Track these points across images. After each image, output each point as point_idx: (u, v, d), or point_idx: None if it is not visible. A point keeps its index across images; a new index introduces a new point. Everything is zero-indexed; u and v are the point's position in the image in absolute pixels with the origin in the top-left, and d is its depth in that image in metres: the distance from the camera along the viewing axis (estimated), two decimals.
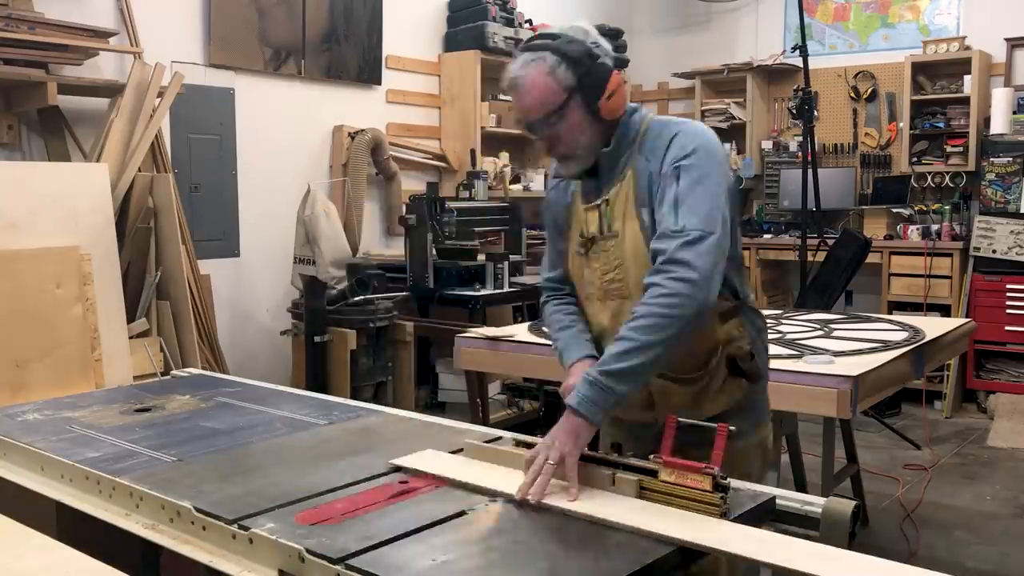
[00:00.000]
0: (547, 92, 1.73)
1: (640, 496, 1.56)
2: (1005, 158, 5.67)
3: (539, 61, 1.74)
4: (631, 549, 1.38)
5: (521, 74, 1.75)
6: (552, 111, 1.74)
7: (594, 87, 1.74)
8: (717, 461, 1.51)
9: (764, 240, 6.46)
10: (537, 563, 1.39)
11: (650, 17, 7.37)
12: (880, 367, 2.72)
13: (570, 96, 1.74)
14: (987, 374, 5.71)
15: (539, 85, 1.74)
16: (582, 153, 1.80)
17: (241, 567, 1.43)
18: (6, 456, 2.03)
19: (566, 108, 1.74)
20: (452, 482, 1.69)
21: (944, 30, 6.13)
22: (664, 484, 1.54)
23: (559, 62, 1.73)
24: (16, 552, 1.47)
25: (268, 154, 4.82)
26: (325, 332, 4.12)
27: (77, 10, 3.93)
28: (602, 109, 1.75)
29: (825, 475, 2.98)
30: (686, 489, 1.51)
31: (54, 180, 3.52)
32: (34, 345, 3.23)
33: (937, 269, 5.78)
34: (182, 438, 2.06)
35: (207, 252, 4.44)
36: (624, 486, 1.58)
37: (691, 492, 1.50)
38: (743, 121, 6.70)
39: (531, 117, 1.77)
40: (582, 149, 1.80)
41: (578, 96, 1.74)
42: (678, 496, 1.52)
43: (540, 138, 1.81)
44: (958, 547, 3.64)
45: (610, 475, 1.60)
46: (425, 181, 5.59)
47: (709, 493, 1.48)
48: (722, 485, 1.49)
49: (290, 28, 4.86)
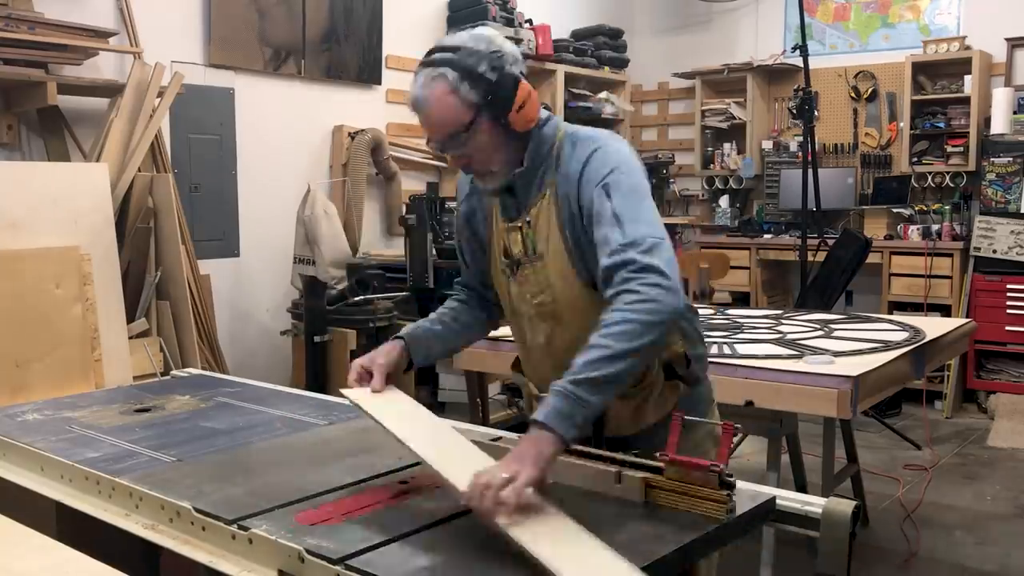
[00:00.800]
0: (452, 111, 1.64)
1: (646, 494, 1.55)
2: (1005, 158, 5.67)
3: (439, 78, 1.65)
4: (631, 549, 1.37)
5: (423, 94, 1.66)
6: (460, 130, 1.65)
7: (502, 101, 1.64)
8: (723, 459, 1.50)
9: (764, 240, 6.46)
10: (538, 563, 1.39)
11: (650, 17, 7.37)
12: (880, 367, 2.72)
13: (477, 113, 1.64)
14: (987, 374, 5.71)
15: (443, 105, 1.64)
16: (499, 168, 1.72)
17: (241, 567, 1.42)
18: (6, 456, 2.02)
19: (474, 126, 1.65)
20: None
21: (944, 30, 6.13)
22: (670, 482, 1.54)
23: (460, 79, 1.63)
24: (16, 552, 1.47)
25: (268, 154, 4.82)
26: (325, 332, 4.12)
27: (77, 10, 3.93)
28: (513, 122, 1.66)
29: (825, 475, 2.98)
30: (692, 487, 1.51)
31: (54, 180, 3.52)
32: (34, 345, 3.23)
33: (937, 269, 5.77)
34: (182, 438, 2.05)
35: (207, 252, 4.44)
36: (630, 483, 1.57)
37: (697, 490, 1.50)
38: (743, 121, 6.70)
39: (439, 137, 1.69)
40: (498, 164, 1.72)
41: (486, 112, 1.64)
42: (684, 494, 1.51)
43: (453, 158, 1.73)
44: (958, 547, 3.64)
45: (616, 473, 1.59)
46: (425, 181, 5.59)
47: (715, 491, 1.48)
48: (728, 482, 1.49)
49: (290, 28, 4.86)
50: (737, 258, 6.30)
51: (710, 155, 6.93)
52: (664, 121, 7.40)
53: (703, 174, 6.94)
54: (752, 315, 3.82)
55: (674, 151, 7.00)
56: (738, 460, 2.35)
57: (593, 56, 6.61)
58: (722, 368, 2.66)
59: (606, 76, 6.74)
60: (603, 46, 6.72)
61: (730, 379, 2.62)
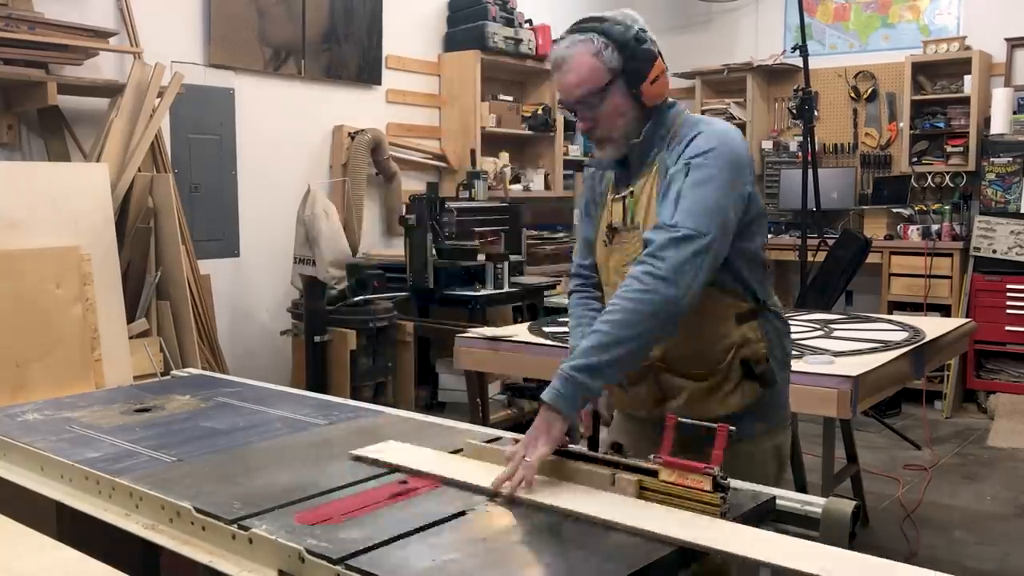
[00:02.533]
0: (592, 72, 1.74)
1: (640, 496, 1.55)
2: (1005, 158, 5.67)
3: (586, 42, 1.74)
4: (630, 549, 1.38)
5: (567, 53, 1.76)
6: (595, 92, 1.75)
7: (638, 71, 1.74)
8: (717, 461, 1.50)
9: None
10: (537, 563, 1.39)
11: (650, 17, 7.19)
12: (880, 367, 2.72)
13: (614, 78, 1.74)
14: (987, 374, 5.71)
15: (584, 64, 1.74)
16: (620, 137, 1.81)
17: (241, 567, 1.42)
18: (6, 456, 2.02)
19: (609, 90, 1.75)
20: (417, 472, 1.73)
21: (944, 30, 6.13)
22: (664, 484, 1.54)
23: (606, 44, 1.73)
24: (16, 552, 1.47)
25: (268, 154, 4.82)
26: (325, 332, 4.12)
27: (77, 10, 3.93)
28: (644, 94, 1.76)
29: (825, 475, 2.98)
30: (686, 489, 1.51)
31: (54, 180, 3.52)
32: (34, 345, 3.23)
33: (937, 269, 5.78)
34: (182, 438, 2.05)
35: (207, 252, 4.44)
36: (624, 486, 1.57)
37: (691, 492, 1.50)
38: (743, 121, 6.70)
39: (573, 96, 1.77)
40: (620, 133, 1.80)
41: (622, 79, 1.75)
42: (678, 496, 1.52)
43: (580, 118, 1.81)
44: (958, 547, 3.64)
45: (610, 475, 1.60)
46: (425, 181, 5.59)
47: (709, 493, 1.48)
48: (722, 485, 1.49)
49: (290, 28, 4.86)
50: None
51: None
52: None
53: None
54: None
55: None
56: None
57: None
58: None
59: None
60: None
61: None
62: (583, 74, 1.74)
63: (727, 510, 1.48)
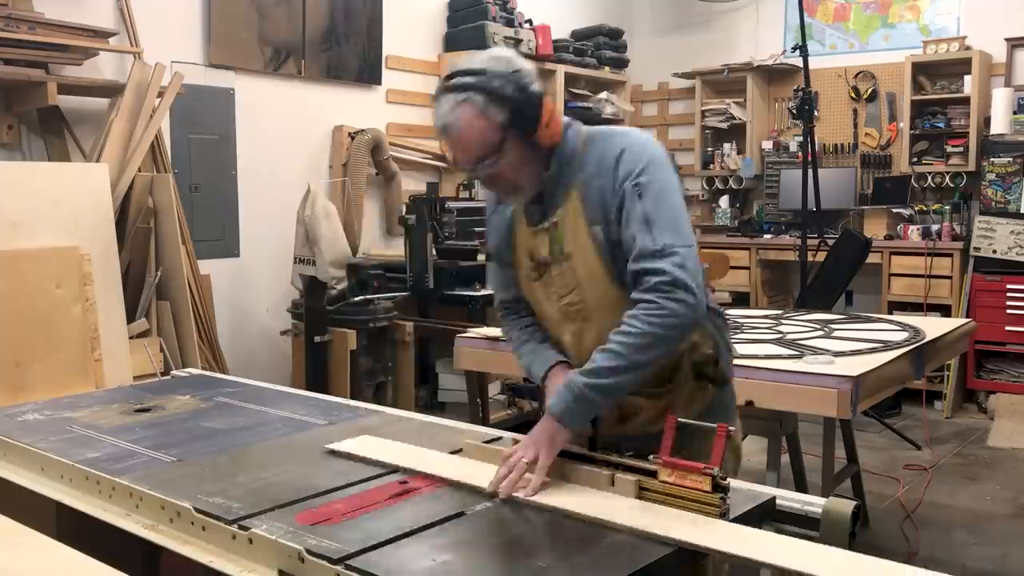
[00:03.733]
0: (482, 134, 1.66)
1: (639, 496, 1.55)
2: (1005, 158, 5.67)
3: (467, 103, 1.65)
4: (630, 549, 1.38)
5: (451, 119, 1.67)
6: (491, 152, 1.68)
7: (529, 119, 1.67)
8: (716, 461, 1.50)
9: (764, 240, 6.46)
10: (536, 564, 1.39)
11: (650, 17, 7.37)
12: (880, 367, 2.72)
13: (506, 133, 1.67)
14: (987, 374, 5.70)
15: (472, 129, 1.66)
16: (527, 184, 1.75)
17: (241, 567, 1.43)
18: (6, 456, 2.02)
19: (504, 146, 1.68)
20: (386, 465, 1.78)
21: (944, 30, 6.13)
22: (663, 484, 1.54)
23: (487, 102, 1.65)
24: (16, 552, 1.47)
25: (268, 154, 4.81)
26: (325, 332, 4.13)
27: (77, 10, 3.93)
28: (541, 138, 1.70)
29: (825, 475, 2.98)
30: (685, 489, 1.51)
31: (54, 180, 3.52)
32: (34, 345, 3.23)
33: (937, 269, 5.77)
34: (182, 438, 2.05)
35: (207, 252, 4.44)
36: (623, 486, 1.57)
37: (690, 492, 1.50)
38: (743, 121, 6.70)
39: (470, 161, 1.71)
40: (526, 180, 1.75)
41: (514, 132, 1.67)
42: (677, 496, 1.52)
43: (483, 180, 1.76)
44: (958, 547, 3.64)
45: (609, 475, 1.60)
46: (425, 181, 5.59)
47: (708, 494, 1.48)
48: (721, 486, 1.49)
49: (290, 28, 4.86)
50: (737, 258, 6.30)
51: (710, 155, 6.93)
52: (664, 121, 7.40)
53: (703, 174, 6.93)
54: (752, 315, 3.82)
55: (674, 151, 7.00)
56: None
57: (593, 56, 6.61)
58: None
59: (606, 76, 6.74)
60: (603, 46, 6.72)
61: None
62: (473, 139, 1.67)
63: (726, 510, 1.48)
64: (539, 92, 1.70)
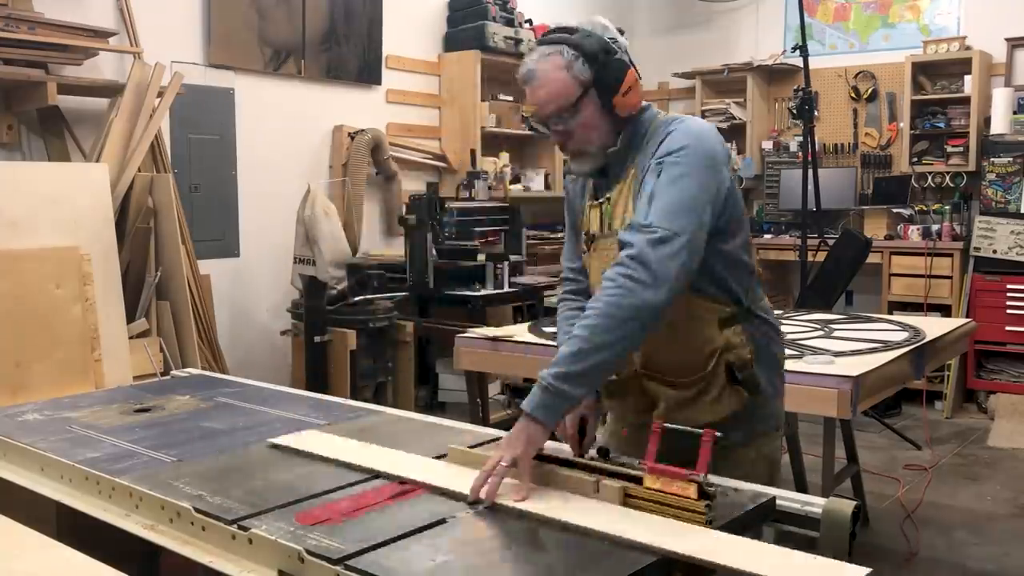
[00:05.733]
0: (563, 87, 1.71)
1: (625, 503, 1.52)
2: (1005, 158, 5.67)
3: (556, 55, 1.71)
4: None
5: (537, 67, 1.72)
6: (567, 106, 1.72)
7: (610, 83, 1.71)
8: (703, 468, 1.47)
9: (764, 240, 6.46)
10: (537, 563, 1.39)
11: (650, 17, 7.37)
12: (880, 367, 2.72)
13: (585, 91, 1.71)
14: (987, 374, 5.70)
15: (555, 79, 1.71)
16: (595, 150, 1.78)
17: (241, 567, 1.42)
18: (6, 456, 2.02)
19: (581, 103, 1.72)
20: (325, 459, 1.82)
21: (944, 30, 6.13)
22: (649, 491, 1.51)
23: (576, 56, 1.70)
24: (16, 552, 1.47)
25: (268, 154, 4.81)
26: (325, 332, 4.12)
27: (77, 10, 3.93)
28: (617, 105, 1.73)
29: (825, 475, 2.98)
30: (671, 496, 1.48)
31: (54, 180, 3.52)
32: (34, 345, 3.23)
33: (937, 269, 5.77)
34: (182, 438, 2.05)
35: (207, 252, 4.43)
36: (608, 493, 1.54)
37: (676, 500, 1.47)
38: (743, 121, 6.70)
39: (545, 111, 1.74)
40: (595, 145, 1.77)
41: (593, 92, 1.71)
42: (663, 504, 1.48)
43: (553, 132, 1.78)
44: (958, 547, 3.64)
45: (594, 482, 1.57)
46: (425, 181, 5.59)
47: (694, 501, 1.45)
48: (707, 493, 1.45)
49: (290, 28, 4.86)
50: None
51: None
52: None
53: None
54: None
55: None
56: None
57: None
58: None
59: None
60: None
61: None
62: (553, 89, 1.71)
63: (713, 518, 1.44)
64: (626, 61, 1.74)
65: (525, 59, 1.77)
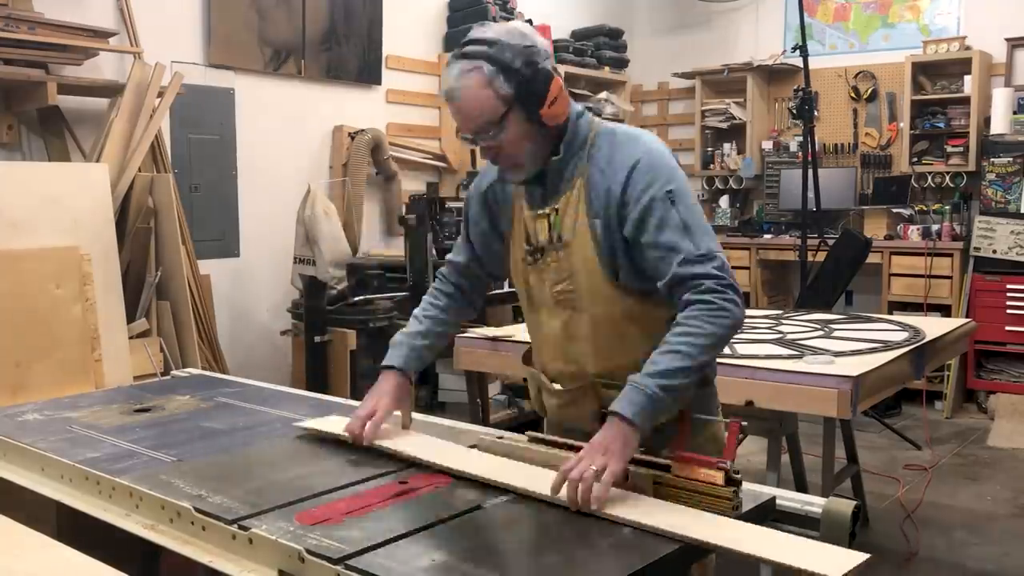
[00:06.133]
0: (485, 104, 1.67)
1: (654, 491, 1.56)
2: (1005, 158, 5.67)
3: (476, 71, 1.67)
4: (636, 546, 1.38)
5: (457, 85, 1.69)
6: (492, 123, 1.69)
7: (534, 95, 1.68)
8: (730, 456, 1.51)
9: (764, 240, 6.46)
10: (539, 561, 1.39)
11: (650, 17, 7.37)
12: (880, 367, 2.72)
13: (510, 107, 1.68)
14: (987, 374, 5.70)
15: (476, 97, 1.67)
16: (528, 161, 1.76)
17: (241, 567, 1.42)
18: (6, 456, 2.02)
19: (506, 119, 1.69)
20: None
21: (944, 30, 6.13)
22: (677, 479, 1.54)
23: (496, 72, 1.66)
24: (16, 552, 1.47)
25: (268, 154, 4.82)
26: (325, 332, 4.12)
27: (77, 10, 3.93)
28: (544, 116, 1.70)
29: (825, 475, 2.98)
30: (698, 484, 1.52)
31: (54, 180, 3.52)
32: (34, 345, 3.23)
33: (937, 269, 5.77)
34: (182, 438, 2.05)
35: (207, 252, 4.44)
36: (639, 481, 1.58)
37: (704, 487, 1.51)
38: (743, 121, 6.70)
39: (470, 129, 1.72)
40: (527, 157, 1.75)
41: (518, 106, 1.68)
42: (691, 491, 1.52)
43: (482, 148, 1.76)
44: (958, 547, 3.64)
45: (624, 470, 1.59)
46: (425, 181, 5.59)
47: (721, 487, 1.49)
48: (734, 480, 1.50)
49: (290, 28, 4.86)
50: (737, 258, 6.30)
51: (710, 155, 6.93)
52: (664, 121, 7.40)
53: (703, 174, 6.93)
54: (752, 315, 3.82)
55: (674, 151, 6.97)
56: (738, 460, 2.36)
57: (593, 56, 6.61)
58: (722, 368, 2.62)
59: (606, 76, 6.74)
60: (603, 46, 6.72)
61: (730, 379, 2.61)
62: (476, 107, 1.68)
63: (739, 504, 1.49)
64: (549, 70, 1.71)
65: (445, 73, 1.73)
